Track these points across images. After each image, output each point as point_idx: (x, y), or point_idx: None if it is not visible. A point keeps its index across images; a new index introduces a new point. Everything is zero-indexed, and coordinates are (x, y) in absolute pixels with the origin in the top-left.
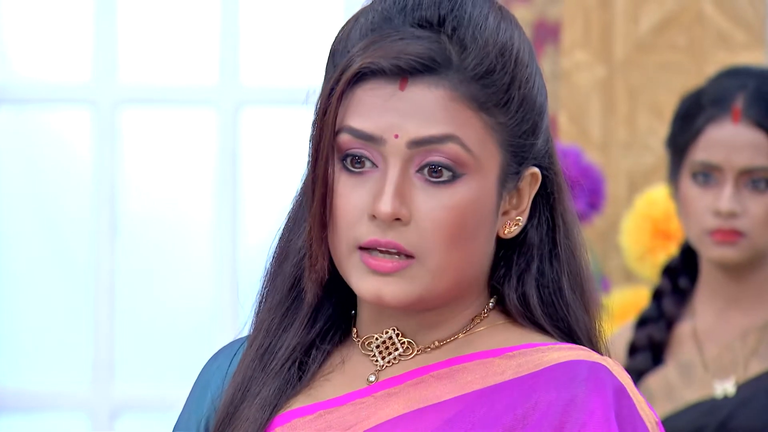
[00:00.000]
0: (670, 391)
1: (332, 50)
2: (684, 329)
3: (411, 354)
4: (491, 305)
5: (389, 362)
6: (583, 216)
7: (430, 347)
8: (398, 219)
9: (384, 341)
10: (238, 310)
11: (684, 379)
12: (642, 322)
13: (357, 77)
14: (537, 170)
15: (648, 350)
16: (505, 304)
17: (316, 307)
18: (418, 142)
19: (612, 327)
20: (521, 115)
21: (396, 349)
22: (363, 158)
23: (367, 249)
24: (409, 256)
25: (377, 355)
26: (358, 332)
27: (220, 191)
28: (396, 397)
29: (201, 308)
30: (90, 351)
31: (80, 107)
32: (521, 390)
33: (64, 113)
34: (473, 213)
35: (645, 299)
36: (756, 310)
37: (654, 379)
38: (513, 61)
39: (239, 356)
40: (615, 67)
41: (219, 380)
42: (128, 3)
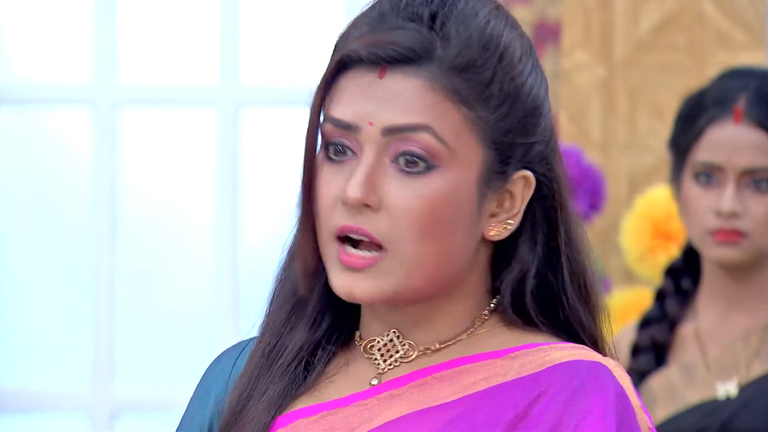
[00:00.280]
0: (673, 392)
1: (333, 48)
2: (687, 330)
3: (412, 356)
4: (492, 307)
5: (390, 365)
6: (584, 216)
7: (431, 349)
8: (368, 206)
9: (385, 344)
10: (239, 311)
11: (686, 380)
12: (645, 323)
13: (342, 67)
14: (530, 174)
15: (651, 351)
16: (506, 308)
17: (322, 308)
18: (392, 130)
19: (612, 327)
20: (504, 112)
21: (397, 351)
22: (344, 147)
23: (342, 241)
24: (380, 247)
25: (379, 359)
26: (361, 334)
27: (221, 191)
28: (399, 399)
29: (201, 308)
30: (90, 351)
31: (80, 107)
32: (523, 389)
33: (64, 113)
34: (447, 205)
35: (645, 300)
36: (758, 311)
37: (656, 380)
38: (497, 57)
39: (242, 359)
40: (615, 68)
41: (222, 384)
42: (128, 3)
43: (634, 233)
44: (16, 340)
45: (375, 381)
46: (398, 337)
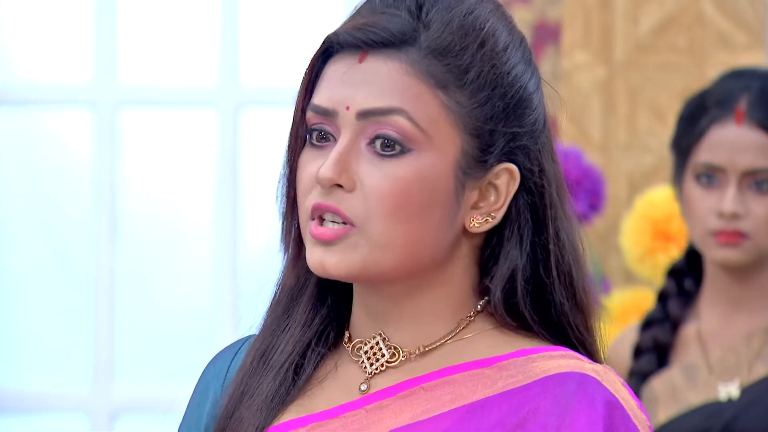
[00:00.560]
0: (675, 394)
1: None
2: (689, 331)
3: (397, 360)
4: (479, 308)
5: (377, 369)
6: (584, 217)
7: (416, 353)
8: (341, 186)
9: (372, 347)
10: (238, 311)
11: (688, 382)
12: (647, 324)
13: (327, 53)
14: (514, 167)
15: (653, 352)
16: (494, 308)
17: (315, 305)
18: (366, 114)
19: (612, 328)
20: (483, 98)
21: (383, 355)
22: (326, 133)
23: (315, 220)
24: (351, 225)
25: (365, 362)
26: (350, 335)
27: (221, 192)
28: (387, 410)
29: (201, 309)
30: (90, 352)
31: (80, 108)
32: (511, 404)
33: (64, 114)
34: (420, 189)
35: (645, 300)
36: (760, 312)
37: (659, 382)
38: (478, 43)
39: (239, 358)
40: (615, 68)
41: (218, 385)
42: (128, 4)
43: (634, 234)
44: (16, 341)
45: (364, 386)
46: (384, 340)
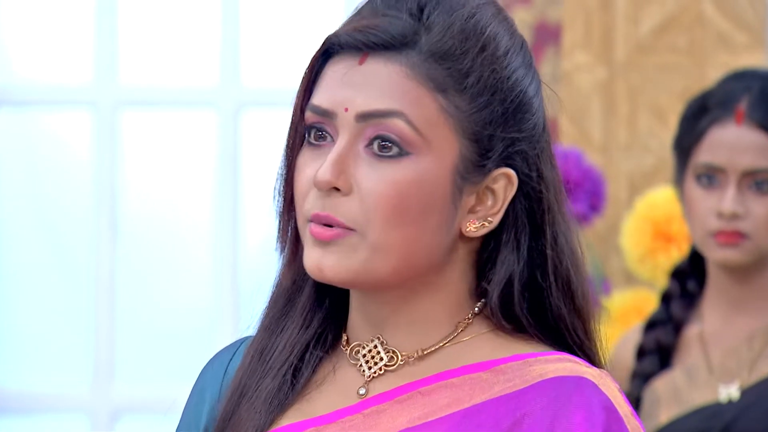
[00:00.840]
0: (677, 395)
1: None
2: (691, 333)
3: (395, 364)
4: (477, 310)
5: (375, 373)
6: (584, 218)
7: (414, 357)
8: (338, 189)
9: (370, 350)
10: (239, 312)
11: (690, 383)
12: (650, 326)
13: (328, 54)
14: (512, 172)
15: (656, 354)
16: (491, 312)
17: (313, 306)
18: (365, 116)
19: (613, 329)
20: (483, 103)
21: (381, 359)
22: (324, 131)
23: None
24: (350, 230)
25: (364, 365)
26: (348, 337)
27: (221, 193)
28: (384, 415)
29: (201, 310)
30: (90, 352)
31: (80, 109)
32: (508, 407)
33: (65, 115)
34: (417, 193)
35: (646, 301)
36: (761, 314)
37: (661, 383)
38: (479, 47)
39: (236, 359)
40: (615, 69)
41: (215, 387)
42: (129, 4)
43: (635, 235)
44: (16, 341)
45: (362, 391)
46: (382, 344)
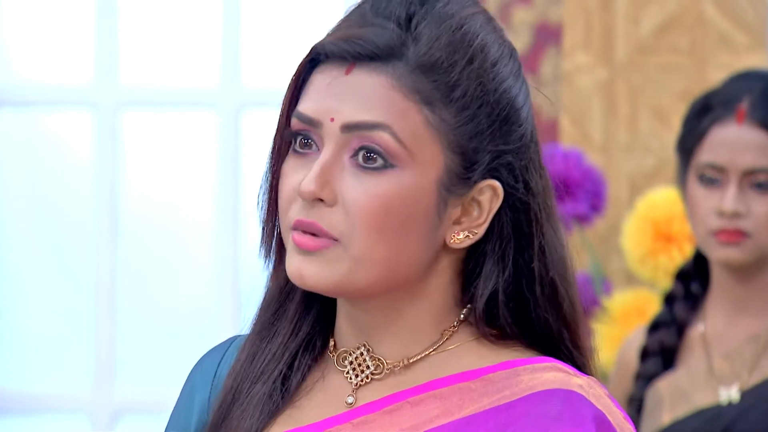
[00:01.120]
0: (680, 396)
1: None
2: (695, 334)
3: (381, 372)
4: (462, 318)
5: (362, 381)
6: (585, 218)
7: (400, 365)
8: (322, 200)
9: (356, 357)
10: (240, 312)
11: (693, 384)
12: (654, 327)
13: (314, 62)
14: (498, 184)
15: (659, 355)
16: (476, 322)
17: (301, 315)
18: (350, 127)
19: (614, 329)
20: (469, 116)
21: (368, 367)
22: (310, 139)
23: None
24: (334, 239)
25: (350, 373)
26: (335, 343)
27: (222, 193)
28: (373, 425)
29: (202, 310)
30: (91, 353)
31: (81, 109)
32: (497, 421)
33: (65, 115)
34: (401, 206)
35: (646, 302)
36: (764, 315)
37: (664, 384)
38: (466, 59)
39: (225, 361)
40: (616, 69)
41: (205, 388)
42: (129, 5)
43: (635, 235)
44: (17, 342)
45: (350, 399)
46: (368, 351)
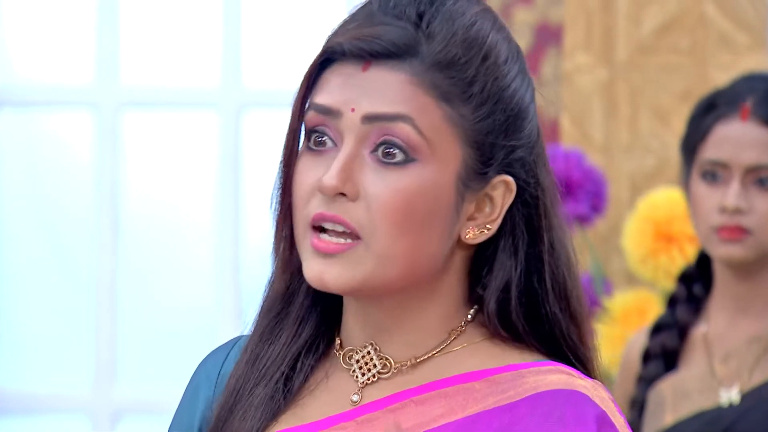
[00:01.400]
0: (683, 397)
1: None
2: (697, 335)
3: (388, 371)
4: (469, 318)
5: (369, 380)
6: (585, 219)
7: (407, 365)
8: (344, 195)
9: (363, 356)
10: (240, 312)
11: (695, 386)
12: (656, 329)
13: (327, 61)
14: (511, 179)
15: (660, 358)
16: (485, 318)
17: (305, 314)
18: (372, 118)
19: (614, 329)
20: (486, 112)
21: (374, 366)
22: (324, 136)
23: (317, 230)
24: (356, 237)
25: (357, 372)
26: (341, 341)
27: (222, 194)
28: (377, 423)
29: (203, 311)
30: (91, 353)
31: (82, 110)
32: (501, 421)
33: (66, 116)
34: (423, 201)
35: (647, 302)
36: (765, 316)
37: (667, 385)
38: (481, 56)
39: (229, 360)
40: (617, 70)
41: (209, 388)
42: (130, 5)
43: (636, 235)
44: (17, 342)
45: (356, 397)
46: (375, 350)
